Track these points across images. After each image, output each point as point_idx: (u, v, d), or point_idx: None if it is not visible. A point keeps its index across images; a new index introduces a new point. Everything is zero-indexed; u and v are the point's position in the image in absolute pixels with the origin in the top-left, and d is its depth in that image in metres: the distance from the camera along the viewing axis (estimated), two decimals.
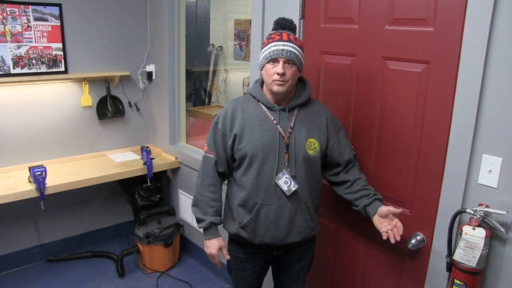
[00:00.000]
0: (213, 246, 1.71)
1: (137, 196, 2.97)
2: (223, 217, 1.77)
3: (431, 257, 1.62)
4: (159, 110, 3.19)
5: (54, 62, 2.73)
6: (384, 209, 1.60)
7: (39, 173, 2.43)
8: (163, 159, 3.08)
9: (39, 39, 2.64)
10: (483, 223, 1.39)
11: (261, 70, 1.62)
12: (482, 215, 1.39)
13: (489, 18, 1.33)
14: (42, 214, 2.90)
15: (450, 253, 1.50)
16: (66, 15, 2.73)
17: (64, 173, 2.69)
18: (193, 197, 1.75)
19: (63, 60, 2.76)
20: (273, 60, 1.54)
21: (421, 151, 1.61)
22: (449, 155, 1.51)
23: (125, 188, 3.05)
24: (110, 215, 3.29)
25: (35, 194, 2.44)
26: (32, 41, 2.62)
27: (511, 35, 1.30)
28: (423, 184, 1.62)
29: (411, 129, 1.63)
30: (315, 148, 1.64)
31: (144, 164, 2.87)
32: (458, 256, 1.43)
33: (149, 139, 3.33)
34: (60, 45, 2.73)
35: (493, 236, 1.41)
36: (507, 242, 1.39)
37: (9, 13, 2.51)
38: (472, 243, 1.39)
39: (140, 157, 3.01)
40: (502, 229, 1.36)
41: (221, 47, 3.56)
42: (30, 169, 2.46)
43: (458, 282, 1.44)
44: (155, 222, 2.90)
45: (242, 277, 1.80)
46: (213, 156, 1.68)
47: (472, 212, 1.41)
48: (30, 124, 2.76)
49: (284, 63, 1.54)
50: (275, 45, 1.55)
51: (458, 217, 1.47)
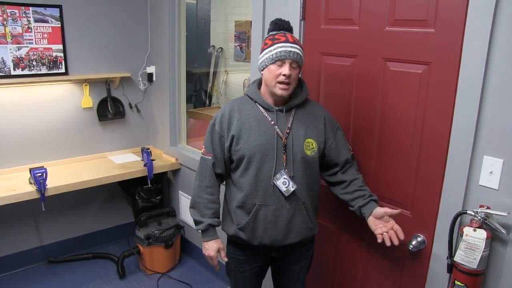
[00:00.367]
0: (211, 248, 1.71)
1: (137, 197, 2.97)
2: (221, 219, 1.76)
3: (432, 258, 1.62)
4: (159, 111, 3.19)
5: (54, 63, 2.73)
6: (379, 210, 1.60)
7: (40, 174, 2.43)
8: (164, 160, 3.08)
9: (40, 40, 2.65)
10: (484, 224, 1.39)
11: (262, 71, 1.61)
12: (483, 216, 1.39)
13: (490, 19, 1.33)
14: (42, 215, 2.90)
15: (450, 254, 1.50)
16: (66, 16, 2.73)
17: (64, 175, 2.69)
18: (191, 199, 1.75)
19: (63, 61, 2.77)
20: (280, 61, 1.54)
21: (422, 152, 1.61)
22: (450, 157, 1.51)
23: (126, 189, 3.05)
24: (110, 216, 3.29)
25: (36, 195, 2.44)
26: (32, 43, 2.62)
27: None
28: (424, 185, 1.62)
29: (412, 130, 1.63)
30: (313, 148, 1.64)
31: (144, 165, 2.87)
32: (458, 257, 1.42)
33: (150, 140, 3.33)
34: (60, 47, 2.74)
35: (494, 237, 1.40)
36: (508, 243, 1.38)
37: (9, 14, 2.51)
38: (473, 244, 1.39)
39: (140, 159, 3.01)
40: (503, 231, 1.35)
41: (221, 48, 3.57)
42: (30, 170, 2.46)
43: (458, 283, 1.44)
44: (156, 223, 2.90)
45: (241, 279, 1.79)
46: (210, 157, 1.68)
47: (473, 213, 1.41)
48: (30, 125, 2.76)
49: (290, 65, 1.54)
50: (283, 46, 1.54)
51: (459, 218, 1.47)
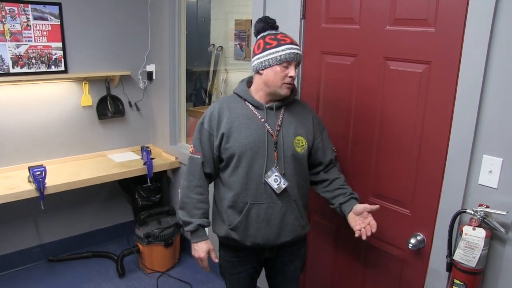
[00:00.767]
0: (201, 249, 1.68)
1: (137, 196, 2.97)
2: (211, 220, 1.75)
3: (431, 257, 1.62)
4: (159, 110, 3.18)
5: (53, 61, 2.73)
6: (359, 206, 1.62)
7: (39, 173, 2.43)
8: (163, 159, 3.08)
9: (39, 38, 2.64)
10: (483, 223, 1.40)
11: (262, 69, 1.58)
12: (482, 215, 1.39)
13: (490, 18, 1.33)
14: (42, 214, 2.89)
15: (450, 253, 1.50)
16: (66, 14, 2.73)
17: (64, 173, 2.69)
18: (179, 200, 1.72)
19: (63, 59, 2.76)
20: (286, 63, 1.54)
21: (421, 151, 1.61)
22: (449, 156, 1.51)
23: (125, 188, 3.05)
24: (110, 215, 3.29)
25: (35, 194, 2.44)
26: (31, 40, 2.62)
27: None
28: (424, 184, 1.62)
29: (411, 129, 1.63)
30: (303, 145, 1.64)
31: (144, 164, 2.87)
32: (458, 256, 1.43)
33: (149, 139, 3.33)
34: (60, 45, 2.73)
35: (493, 236, 1.41)
36: (506, 242, 1.39)
37: (8, 11, 2.51)
38: (472, 243, 1.39)
39: (140, 157, 3.00)
40: (502, 230, 1.36)
41: (221, 47, 3.56)
42: (29, 169, 2.46)
43: (458, 282, 1.44)
44: (155, 222, 2.90)
45: (235, 280, 1.79)
46: (199, 157, 1.66)
47: (472, 212, 1.41)
48: (29, 124, 2.76)
49: (295, 66, 1.57)
50: (291, 48, 1.55)
51: (458, 217, 1.47)
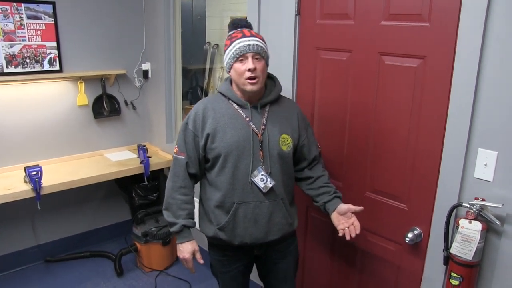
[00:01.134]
0: (186, 250, 1.67)
1: (134, 195, 2.97)
2: (198, 220, 1.74)
3: (428, 251, 1.63)
4: (155, 108, 3.18)
5: (48, 61, 2.72)
6: (343, 206, 1.64)
7: (35, 173, 2.42)
8: (160, 157, 3.07)
9: (33, 37, 2.63)
10: (479, 216, 1.40)
11: (229, 71, 1.60)
12: (478, 208, 1.40)
13: (484, 12, 1.33)
14: (39, 214, 2.88)
15: (447, 246, 1.51)
16: (60, 13, 2.71)
17: (60, 173, 2.68)
18: (164, 201, 1.70)
19: (57, 59, 2.75)
20: (241, 57, 1.53)
21: (417, 145, 1.62)
22: (445, 150, 1.52)
23: (122, 187, 3.05)
24: (107, 214, 3.28)
25: (31, 194, 2.43)
26: (25, 40, 2.60)
27: (506, 29, 1.31)
28: (420, 178, 1.63)
29: (407, 124, 1.63)
30: (289, 144, 1.64)
31: (141, 162, 2.86)
32: (454, 249, 1.44)
33: (146, 137, 3.33)
34: (54, 44, 2.72)
35: (488, 229, 1.42)
36: (502, 234, 1.40)
37: (0, 10, 2.49)
38: (468, 236, 1.40)
39: (137, 156, 3.00)
40: (497, 222, 1.37)
41: (217, 45, 3.55)
42: (25, 169, 2.45)
43: (454, 275, 1.45)
44: (153, 220, 2.90)
45: (227, 278, 1.79)
46: (184, 157, 1.65)
47: (468, 205, 1.42)
48: (25, 124, 2.74)
49: (252, 58, 1.52)
50: (240, 42, 1.53)
51: (454, 211, 1.48)
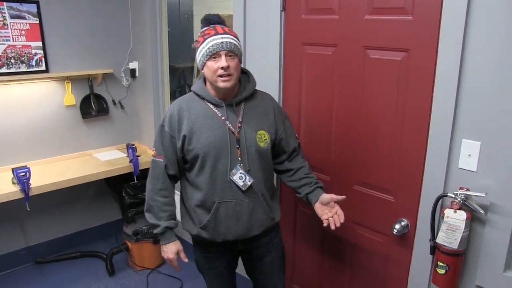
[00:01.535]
0: (170, 250, 1.69)
1: (124, 194, 2.95)
2: (181, 219, 1.75)
3: (415, 241, 1.65)
4: (143, 107, 3.17)
5: (34, 61, 2.69)
6: (326, 196, 1.65)
7: (23, 174, 2.39)
8: (149, 156, 3.04)
9: (17, 37, 2.59)
10: (464, 206, 1.43)
11: (202, 69, 1.58)
12: (462, 198, 1.42)
13: (465, 5, 1.35)
14: (28, 215, 2.86)
15: (433, 236, 1.53)
16: (44, 12, 2.68)
17: (49, 174, 2.66)
18: (145, 203, 1.71)
19: (43, 59, 2.72)
20: (214, 55, 1.51)
21: (403, 138, 1.64)
22: (430, 141, 1.54)
23: (112, 186, 3.03)
24: (97, 214, 3.27)
25: (20, 195, 2.40)
26: (9, 40, 2.56)
27: (487, 22, 1.33)
28: (406, 170, 1.65)
29: (393, 117, 1.65)
30: (266, 139, 1.64)
31: (130, 161, 2.85)
32: (440, 239, 1.46)
33: (135, 136, 3.31)
34: (39, 44, 2.69)
35: (473, 218, 1.44)
36: (486, 223, 1.43)
37: None
38: (453, 225, 1.42)
39: (126, 155, 2.99)
40: (481, 211, 1.39)
41: None
42: (13, 170, 2.42)
43: (441, 264, 1.48)
44: (144, 219, 2.87)
45: (213, 274, 1.80)
46: (162, 160, 1.65)
47: (453, 195, 1.44)
48: (12, 125, 2.71)
49: (226, 55, 1.51)
50: (213, 39, 1.51)
51: (440, 201, 1.51)
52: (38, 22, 2.66)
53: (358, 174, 1.83)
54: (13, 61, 2.60)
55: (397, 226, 1.67)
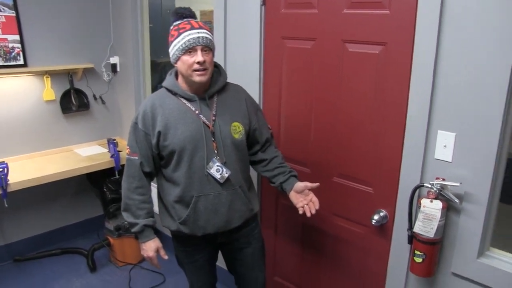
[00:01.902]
0: (150, 248, 1.69)
1: (105, 189, 2.93)
2: (159, 215, 1.75)
3: (394, 231, 1.69)
4: (125, 102, 3.13)
5: (11, 55, 2.63)
6: (300, 184, 1.68)
7: (0, 170, 2.35)
8: None
9: None
10: (440, 195, 1.47)
11: (175, 63, 1.58)
12: (438, 188, 1.46)
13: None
14: (6, 212, 2.80)
15: (410, 226, 1.57)
16: (21, 5, 2.62)
17: (28, 169, 2.61)
18: (122, 202, 1.70)
19: (21, 53, 2.67)
20: (190, 49, 1.51)
21: (380, 130, 1.67)
22: (407, 133, 1.57)
23: (93, 182, 3.00)
24: (78, 210, 3.22)
25: None
26: None
27: (461, 16, 1.36)
28: (384, 162, 1.68)
29: (370, 109, 1.68)
30: (240, 131, 1.65)
31: (111, 156, 2.82)
32: (417, 228, 1.49)
33: (116, 131, 3.28)
34: (17, 37, 2.63)
35: (449, 207, 1.48)
36: (461, 212, 1.47)
37: None
38: (430, 215, 1.46)
39: (107, 150, 2.95)
40: (456, 200, 1.43)
41: None
42: None
43: (418, 252, 1.51)
44: None
45: (193, 268, 1.80)
46: (137, 157, 1.63)
47: (429, 185, 1.48)
48: None
49: (201, 50, 1.52)
50: (189, 34, 1.51)
51: (417, 191, 1.54)
52: (14, 15, 2.60)
53: (337, 166, 1.85)
54: None
55: (376, 216, 1.70)
